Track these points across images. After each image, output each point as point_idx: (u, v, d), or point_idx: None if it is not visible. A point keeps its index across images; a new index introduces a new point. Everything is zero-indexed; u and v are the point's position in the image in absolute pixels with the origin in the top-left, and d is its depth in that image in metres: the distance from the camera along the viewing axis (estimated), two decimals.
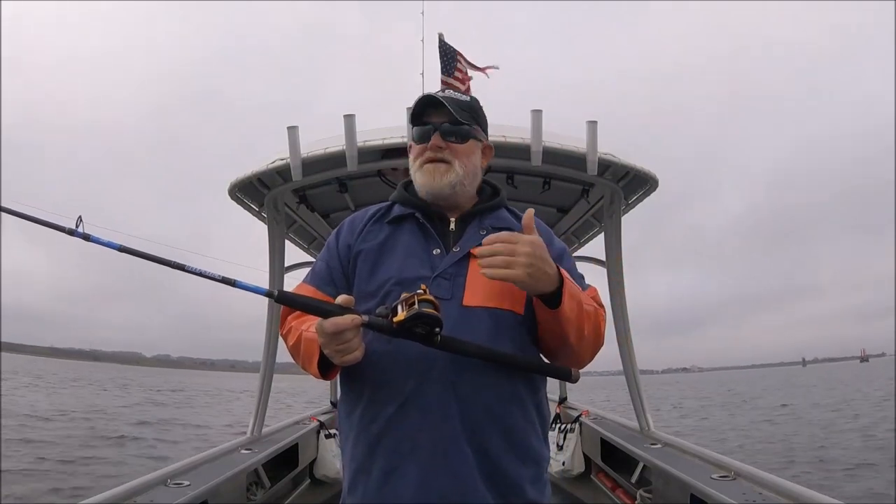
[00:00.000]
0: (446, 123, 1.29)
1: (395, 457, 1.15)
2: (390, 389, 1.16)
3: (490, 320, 1.18)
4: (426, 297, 1.06)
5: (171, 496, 2.28)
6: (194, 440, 11.08)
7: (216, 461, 2.94)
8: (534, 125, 2.71)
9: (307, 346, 1.19)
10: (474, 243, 1.25)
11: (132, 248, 1.11)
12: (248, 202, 3.32)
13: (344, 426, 1.27)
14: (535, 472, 1.21)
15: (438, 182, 1.28)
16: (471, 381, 1.15)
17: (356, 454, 1.20)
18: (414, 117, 1.33)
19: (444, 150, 1.29)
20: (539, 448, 1.23)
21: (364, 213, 1.38)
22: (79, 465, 8.27)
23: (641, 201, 3.36)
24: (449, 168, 1.29)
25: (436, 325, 1.06)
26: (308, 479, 4.26)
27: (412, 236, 1.29)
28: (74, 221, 1.14)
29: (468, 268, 1.23)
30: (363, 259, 1.28)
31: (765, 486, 2.32)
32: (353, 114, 2.71)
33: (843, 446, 10.99)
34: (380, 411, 1.16)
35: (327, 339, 1.06)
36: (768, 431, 13.68)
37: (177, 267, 1.09)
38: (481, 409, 1.15)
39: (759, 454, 10.07)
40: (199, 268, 1.09)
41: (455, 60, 3.57)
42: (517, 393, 1.19)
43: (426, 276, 1.21)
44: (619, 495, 3.70)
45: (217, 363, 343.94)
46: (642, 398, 3.59)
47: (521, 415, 1.20)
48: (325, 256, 1.35)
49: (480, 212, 1.33)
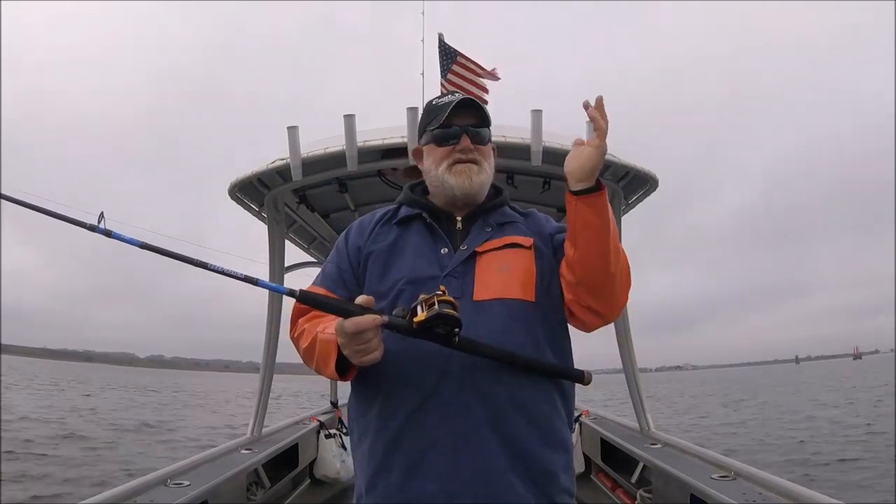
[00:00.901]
0: (473, 126, 1.32)
1: (416, 453, 1.14)
2: (408, 387, 1.16)
3: (503, 310, 1.20)
4: (445, 298, 1.07)
5: (171, 496, 2.28)
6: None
7: (216, 461, 2.94)
8: (534, 125, 2.71)
9: (323, 348, 1.18)
10: (480, 241, 1.29)
11: (154, 245, 1.12)
12: (248, 202, 3.32)
13: (357, 426, 1.26)
14: (566, 459, 1.21)
15: (475, 181, 1.31)
16: (490, 374, 1.15)
17: (375, 453, 1.19)
18: (437, 118, 1.33)
19: (474, 152, 1.32)
20: (566, 434, 1.23)
21: (372, 217, 1.40)
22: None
23: (641, 201, 3.36)
24: (480, 169, 1.32)
25: (455, 325, 1.07)
26: (308, 479, 4.27)
27: (420, 236, 1.31)
28: (97, 217, 1.15)
29: (475, 265, 1.25)
30: (374, 260, 1.30)
31: (765, 486, 2.32)
32: (353, 114, 2.71)
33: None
34: (398, 408, 1.16)
35: (347, 339, 1.07)
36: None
37: (200, 265, 1.09)
38: (504, 399, 1.15)
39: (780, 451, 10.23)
40: (222, 266, 1.09)
41: (454, 61, 3.57)
42: (538, 380, 1.19)
43: (436, 275, 1.23)
44: (619, 495, 3.70)
45: (211, 363, 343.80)
46: (642, 398, 3.59)
47: (545, 400, 1.20)
48: (334, 259, 1.36)
49: (485, 210, 1.36)
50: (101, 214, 1.14)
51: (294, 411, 9.58)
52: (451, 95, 1.37)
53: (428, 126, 1.36)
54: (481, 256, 1.27)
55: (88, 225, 1.14)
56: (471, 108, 1.33)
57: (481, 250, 1.27)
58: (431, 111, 1.37)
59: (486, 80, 3.61)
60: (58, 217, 1.17)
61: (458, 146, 1.31)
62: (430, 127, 1.36)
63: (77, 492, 6.39)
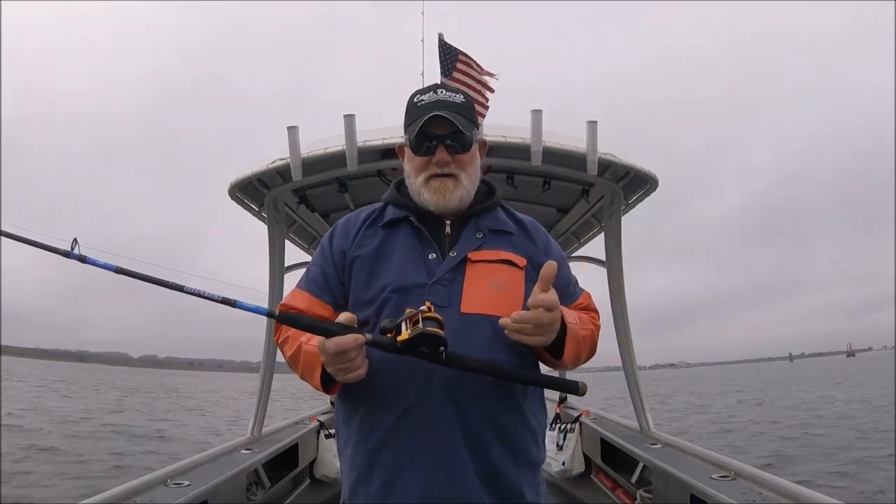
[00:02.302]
0: (449, 137, 1.25)
1: (395, 467, 1.14)
2: (390, 399, 1.15)
3: (490, 327, 1.17)
4: (431, 315, 1.04)
5: (171, 496, 2.28)
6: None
7: (216, 461, 2.94)
8: (534, 125, 2.71)
9: (307, 359, 1.17)
10: (471, 247, 1.25)
11: (129, 269, 1.09)
12: (248, 202, 3.32)
13: (342, 432, 1.27)
14: (531, 476, 1.22)
15: (449, 199, 1.25)
16: (471, 391, 1.14)
17: (356, 463, 1.20)
18: (414, 124, 1.28)
19: (450, 164, 1.25)
20: (537, 454, 1.25)
21: (357, 216, 1.35)
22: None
23: (641, 201, 3.36)
24: (457, 183, 1.26)
25: (440, 344, 1.05)
26: (308, 479, 4.26)
27: (407, 240, 1.27)
28: (70, 243, 1.12)
29: (465, 273, 1.22)
30: (359, 266, 1.26)
31: (765, 486, 2.32)
32: (353, 114, 2.71)
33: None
34: (380, 421, 1.16)
35: (330, 358, 1.05)
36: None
37: (175, 288, 1.08)
38: (481, 418, 1.15)
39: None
40: (197, 288, 1.07)
41: (455, 61, 3.56)
42: (516, 400, 1.19)
43: (423, 282, 1.20)
44: (619, 495, 3.70)
45: (205, 363, 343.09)
46: (642, 398, 3.59)
47: (521, 422, 1.21)
48: (319, 261, 1.32)
49: (476, 213, 1.31)
50: (75, 240, 1.12)
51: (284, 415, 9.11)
52: (432, 94, 1.29)
53: (406, 127, 1.32)
54: (472, 265, 1.23)
55: (63, 251, 1.12)
56: (450, 114, 1.24)
57: (474, 258, 1.24)
58: (410, 111, 1.31)
59: (488, 79, 3.61)
60: (31, 244, 1.15)
61: (434, 159, 1.25)
62: (406, 131, 1.31)
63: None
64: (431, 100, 1.28)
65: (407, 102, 1.34)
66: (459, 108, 1.28)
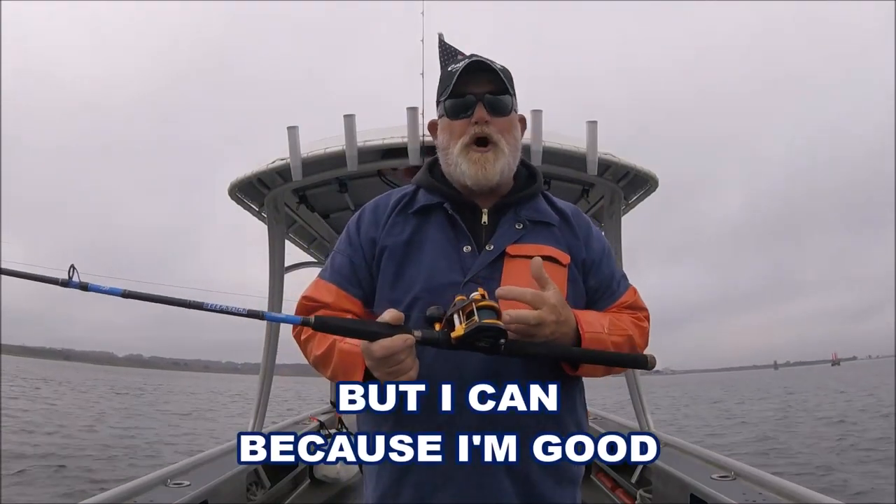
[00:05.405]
0: (489, 93, 1.15)
1: (426, 488, 1.07)
2: (426, 411, 1.04)
3: None
4: (486, 304, 0.95)
5: (171, 496, 2.28)
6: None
7: (216, 461, 2.94)
8: (534, 125, 2.71)
9: (344, 360, 1.07)
10: (510, 239, 1.14)
11: (138, 292, 0.99)
12: (248, 202, 3.32)
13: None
14: (572, 492, 1.14)
15: (490, 171, 1.14)
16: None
17: (381, 479, 1.12)
18: (448, 86, 1.17)
19: (490, 125, 1.15)
20: (578, 470, 1.16)
21: (387, 200, 1.24)
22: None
23: (641, 201, 3.36)
24: (497, 153, 1.15)
25: (501, 336, 0.95)
26: (308, 479, 4.26)
27: (440, 231, 1.16)
28: (67, 272, 1.01)
29: (502, 269, 1.11)
30: (388, 257, 1.16)
31: (765, 486, 2.32)
32: (353, 114, 2.72)
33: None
34: (413, 434, 1.06)
35: (376, 363, 0.96)
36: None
37: (194, 306, 0.98)
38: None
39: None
40: (220, 304, 0.98)
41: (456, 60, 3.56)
42: (555, 416, 1.09)
43: (456, 281, 1.10)
44: (619, 495, 3.70)
45: (190, 363, 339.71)
46: (642, 398, 3.59)
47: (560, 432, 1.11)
48: (346, 250, 1.21)
49: (516, 202, 1.20)
50: (72, 267, 1.01)
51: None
52: (467, 58, 1.18)
53: (440, 96, 1.21)
54: (511, 260, 1.12)
55: (61, 281, 1.01)
56: (487, 73, 1.14)
57: (513, 253, 1.13)
58: (444, 79, 1.20)
59: None
60: (27, 277, 1.05)
61: (473, 118, 1.14)
62: (441, 97, 1.20)
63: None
64: (467, 60, 1.18)
65: (439, 77, 1.25)
66: (499, 69, 1.18)
